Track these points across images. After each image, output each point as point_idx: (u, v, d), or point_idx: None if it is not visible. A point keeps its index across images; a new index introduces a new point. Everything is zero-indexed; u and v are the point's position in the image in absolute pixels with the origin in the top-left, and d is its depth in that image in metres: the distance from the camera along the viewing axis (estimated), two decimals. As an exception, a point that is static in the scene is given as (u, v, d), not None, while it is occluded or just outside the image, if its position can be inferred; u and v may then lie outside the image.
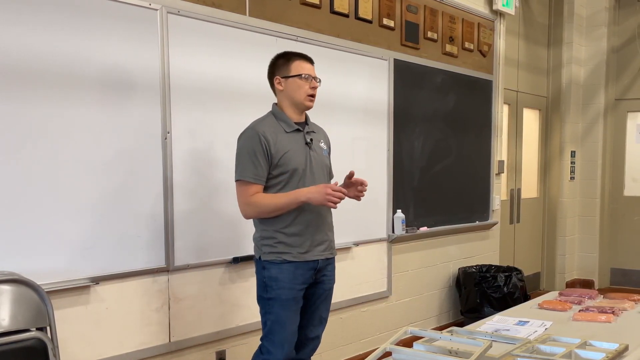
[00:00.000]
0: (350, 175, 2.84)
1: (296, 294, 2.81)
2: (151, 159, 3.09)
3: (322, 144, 2.98)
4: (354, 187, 2.88)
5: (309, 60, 2.90)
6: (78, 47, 2.79)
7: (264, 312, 2.85)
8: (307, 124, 2.92)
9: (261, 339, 2.88)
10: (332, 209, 2.90)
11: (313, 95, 2.86)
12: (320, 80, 2.91)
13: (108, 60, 2.90)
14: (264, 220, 2.81)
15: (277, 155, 2.76)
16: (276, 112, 2.87)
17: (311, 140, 2.89)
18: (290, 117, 2.86)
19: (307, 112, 2.94)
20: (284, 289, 2.78)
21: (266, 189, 2.79)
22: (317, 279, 2.90)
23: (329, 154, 3.06)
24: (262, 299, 2.85)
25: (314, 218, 2.84)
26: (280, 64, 2.87)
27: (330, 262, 2.96)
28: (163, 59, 3.11)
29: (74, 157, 2.80)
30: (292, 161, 2.79)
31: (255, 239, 2.89)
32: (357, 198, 2.91)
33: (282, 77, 2.84)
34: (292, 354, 2.88)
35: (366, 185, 2.89)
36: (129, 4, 2.97)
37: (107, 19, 2.89)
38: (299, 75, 2.82)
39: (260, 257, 2.83)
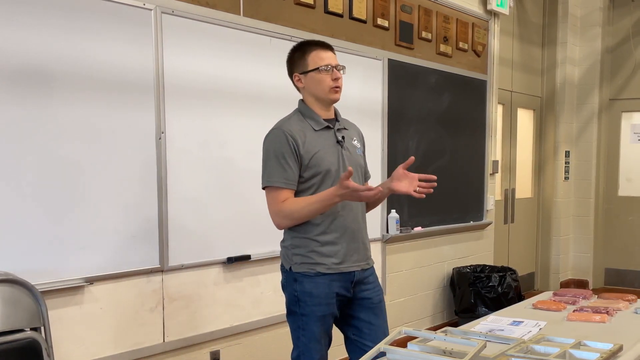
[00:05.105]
0: (407, 163, 2.49)
1: (333, 309, 2.53)
2: (146, 158, 3.08)
3: (356, 142, 2.67)
4: (408, 180, 2.52)
5: (328, 48, 2.56)
6: (72, 47, 2.78)
7: (295, 328, 2.56)
8: (338, 120, 2.61)
9: (294, 359, 2.59)
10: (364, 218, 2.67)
11: (338, 87, 2.53)
12: (344, 68, 2.58)
13: (102, 60, 2.89)
14: (296, 226, 2.51)
15: (307, 156, 2.46)
16: (303, 109, 2.56)
17: (343, 138, 2.58)
18: (318, 113, 2.55)
19: (336, 106, 2.64)
20: (320, 305, 2.49)
21: (297, 194, 2.49)
22: (356, 293, 2.59)
23: (364, 152, 2.74)
24: (294, 315, 2.55)
25: (350, 224, 2.55)
26: (296, 59, 2.56)
27: (371, 273, 2.66)
28: (157, 59, 3.10)
29: (68, 157, 2.79)
30: (324, 162, 2.49)
31: (284, 247, 2.59)
32: (419, 194, 2.50)
33: (300, 74, 2.53)
34: None
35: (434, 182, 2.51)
36: (123, 4, 2.96)
37: (100, 19, 2.88)
38: (317, 69, 2.50)
39: (290, 268, 2.54)
